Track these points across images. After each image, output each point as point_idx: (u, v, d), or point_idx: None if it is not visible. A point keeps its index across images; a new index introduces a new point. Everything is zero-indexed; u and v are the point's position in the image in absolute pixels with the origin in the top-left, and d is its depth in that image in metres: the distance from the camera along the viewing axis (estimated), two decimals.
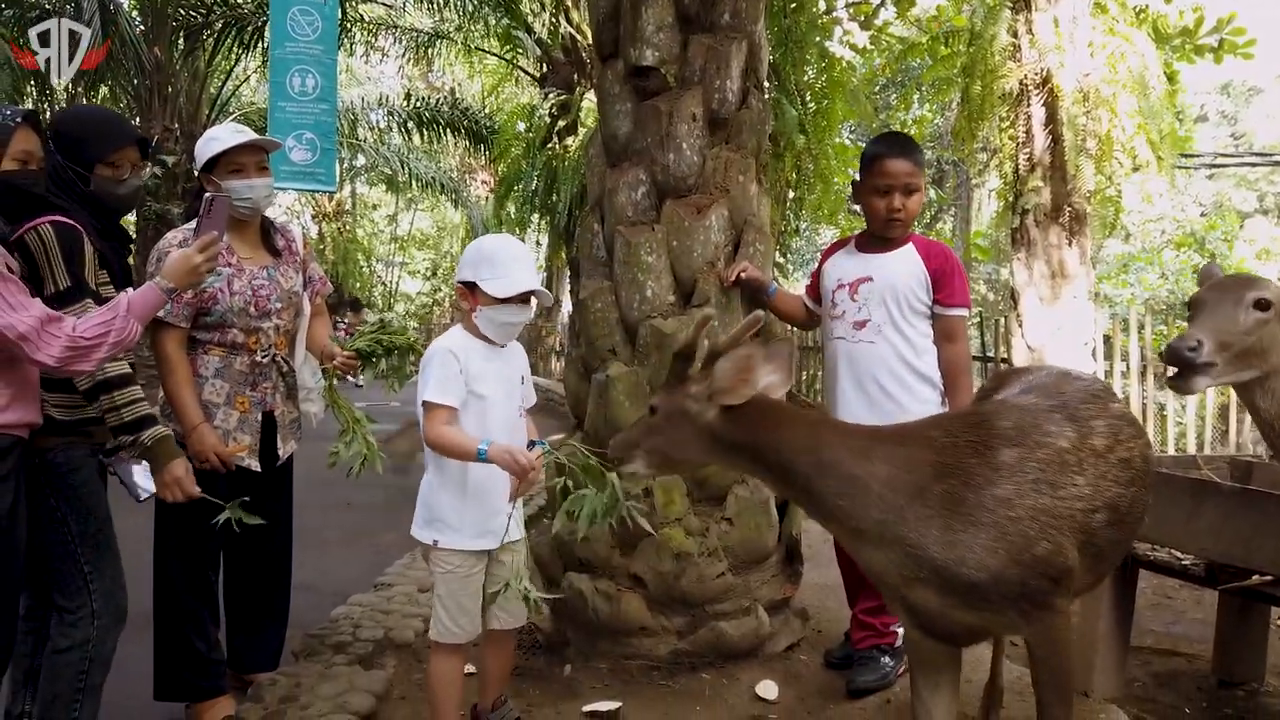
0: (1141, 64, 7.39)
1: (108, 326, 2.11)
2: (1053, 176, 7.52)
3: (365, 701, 2.78)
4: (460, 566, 2.43)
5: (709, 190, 3.21)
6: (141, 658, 2.85)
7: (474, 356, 2.41)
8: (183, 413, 2.70)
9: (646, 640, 3.08)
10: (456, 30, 14.26)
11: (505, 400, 2.47)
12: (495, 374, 2.45)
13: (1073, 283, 7.55)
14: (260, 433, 2.88)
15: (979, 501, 1.81)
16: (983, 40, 7.59)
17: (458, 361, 2.38)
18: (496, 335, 2.44)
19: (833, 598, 3.74)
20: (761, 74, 3.41)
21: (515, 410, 2.50)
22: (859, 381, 2.92)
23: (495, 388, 2.44)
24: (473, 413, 2.40)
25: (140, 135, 2.59)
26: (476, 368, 2.40)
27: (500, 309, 2.39)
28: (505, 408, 2.46)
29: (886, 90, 16.25)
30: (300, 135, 8.53)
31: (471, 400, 2.40)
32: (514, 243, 2.55)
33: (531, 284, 2.39)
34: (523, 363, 2.60)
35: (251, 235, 2.90)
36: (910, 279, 2.88)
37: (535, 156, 13.16)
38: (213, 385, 2.79)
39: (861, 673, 2.94)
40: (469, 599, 2.44)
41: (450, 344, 2.43)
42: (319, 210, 20.05)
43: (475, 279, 2.39)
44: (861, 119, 10.01)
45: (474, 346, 2.44)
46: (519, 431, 2.48)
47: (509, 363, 2.52)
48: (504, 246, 2.48)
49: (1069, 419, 1.95)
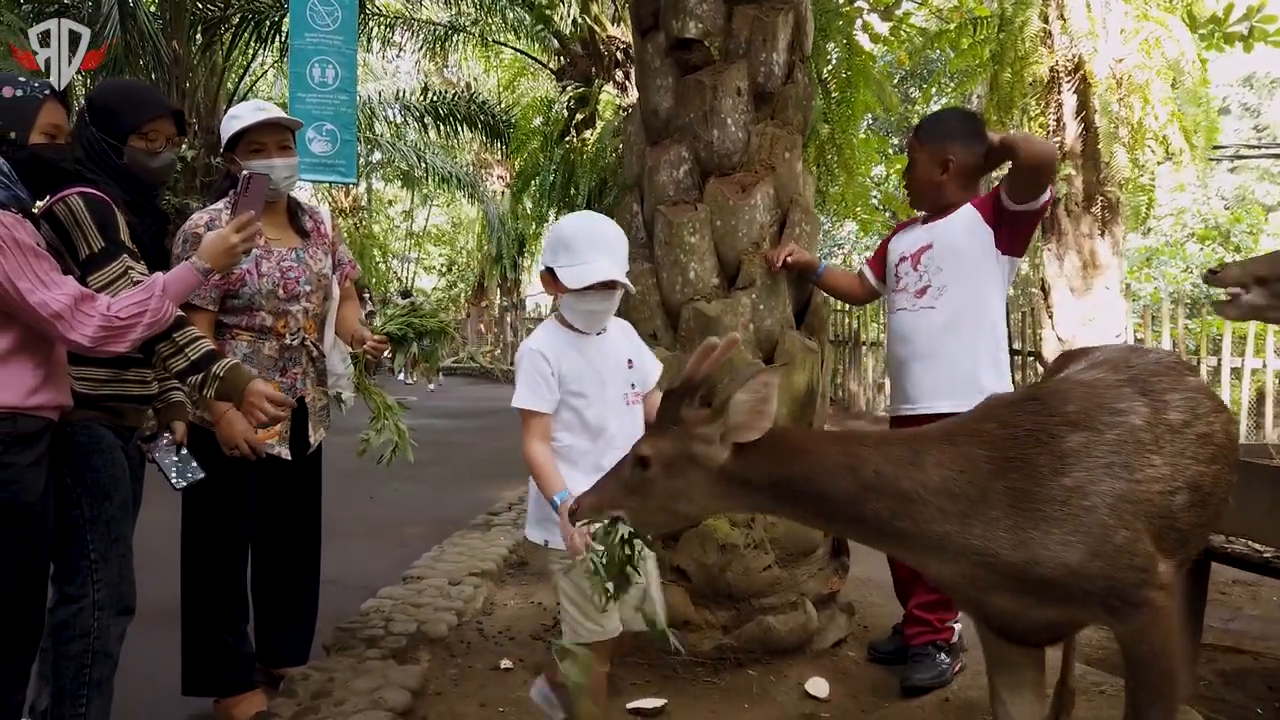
0: (1177, 50, 7.23)
1: (143, 306, 2.02)
2: (1085, 165, 7.39)
3: (401, 697, 2.68)
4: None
5: (754, 168, 3.09)
6: (170, 651, 2.76)
7: (566, 352, 2.20)
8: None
9: (691, 635, 2.96)
10: (473, 23, 14.19)
11: (606, 392, 2.23)
12: (591, 367, 2.22)
13: (1104, 273, 7.42)
14: (291, 419, 2.77)
15: (1047, 494, 1.65)
16: (1013, 27, 7.45)
17: (548, 363, 2.17)
18: (583, 324, 2.22)
19: (877, 592, 3.62)
20: (806, 48, 3.29)
21: (622, 399, 2.25)
22: (920, 350, 2.86)
23: (592, 382, 2.21)
24: (571, 413, 2.21)
25: (175, 108, 2.49)
26: (570, 365, 2.19)
27: (581, 298, 2.16)
28: (608, 400, 2.23)
29: (905, 82, 16.10)
30: (320, 127, 8.46)
31: (569, 399, 2.20)
32: (597, 224, 2.23)
33: (608, 273, 2.13)
34: (628, 343, 2.34)
35: (279, 216, 2.81)
36: (969, 234, 2.80)
37: (553, 150, 13.06)
38: None
39: (917, 670, 2.82)
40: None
41: (539, 342, 2.22)
42: (335, 205, 20.00)
43: (554, 265, 2.18)
44: (888, 109, 9.86)
45: (565, 340, 2.22)
46: (632, 420, 2.24)
47: (609, 349, 2.27)
48: (582, 229, 2.22)
49: (1141, 394, 1.82)
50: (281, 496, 2.87)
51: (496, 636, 3.33)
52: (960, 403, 2.60)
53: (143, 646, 3.13)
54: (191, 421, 2.68)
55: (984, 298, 2.81)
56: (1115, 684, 2.65)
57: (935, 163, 2.85)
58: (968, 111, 3.50)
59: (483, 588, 3.84)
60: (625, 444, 2.01)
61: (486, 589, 3.86)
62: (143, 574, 2.40)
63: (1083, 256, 7.36)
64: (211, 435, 2.62)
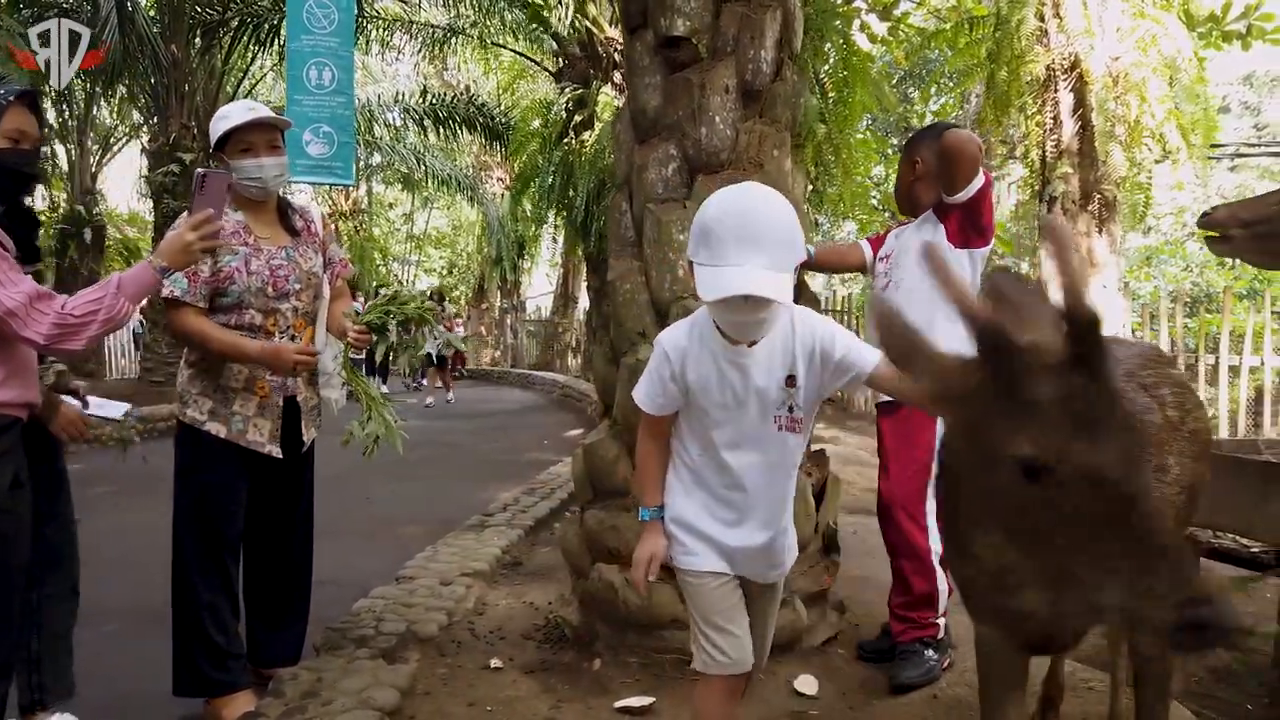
0: (1174, 48, 7.23)
1: (98, 304, 2.04)
2: (1081, 164, 7.39)
3: (389, 696, 2.67)
4: (705, 581, 1.91)
5: (742, 166, 3.08)
6: (161, 651, 2.76)
7: (701, 357, 1.82)
8: (241, 350, 2.63)
9: (679, 634, 2.95)
10: (472, 26, 14.19)
11: (743, 415, 1.82)
12: (726, 380, 1.81)
13: (1102, 272, 7.42)
14: (282, 418, 2.79)
15: None
16: (1009, 25, 7.45)
17: (669, 364, 1.84)
18: (730, 333, 1.77)
19: (869, 589, 3.62)
20: (795, 45, 3.29)
21: (768, 428, 1.82)
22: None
23: (724, 400, 1.82)
24: (696, 425, 1.87)
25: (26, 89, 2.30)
26: (699, 373, 1.82)
27: (722, 308, 1.70)
28: (743, 424, 1.82)
29: (903, 83, 16.09)
30: (317, 129, 8.49)
31: (694, 411, 1.86)
32: (748, 211, 1.69)
33: (744, 287, 1.61)
34: (791, 357, 1.80)
35: (268, 215, 2.82)
36: (924, 232, 2.92)
37: (552, 152, 13.07)
38: (231, 369, 2.70)
39: (905, 668, 2.82)
40: (725, 617, 1.89)
41: (672, 338, 1.87)
42: (335, 208, 20.04)
43: (693, 260, 1.73)
44: (886, 109, 9.86)
45: (705, 342, 1.82)
46: (777, 451, 1.84)
47: (761, 363, 1.80)
48: (727, 218, 1.69)
49: (1141, 389, 1.81)
50: (273, 496, 2.86)
51: (487, 636, 3.32)
52: None
53: (136, 648, 3.14)
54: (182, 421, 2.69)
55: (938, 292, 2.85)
56: (1102, 679, 2.65)
57: (908, 167, 3.07)
58: (945, 123, 3.62)
59: (475, 588, 3.83)
60: (763, 476, 1.84)
61: (479, 589, 3.86)
62: (132, 574, 2.40)
63: (1080, 255, 7.34)
64: (193, 431, 2.65)
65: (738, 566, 1.90)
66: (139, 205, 18.93)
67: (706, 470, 1.88)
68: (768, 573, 1.95)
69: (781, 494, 1.91)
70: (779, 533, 1.91)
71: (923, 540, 2.83)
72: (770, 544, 1.90)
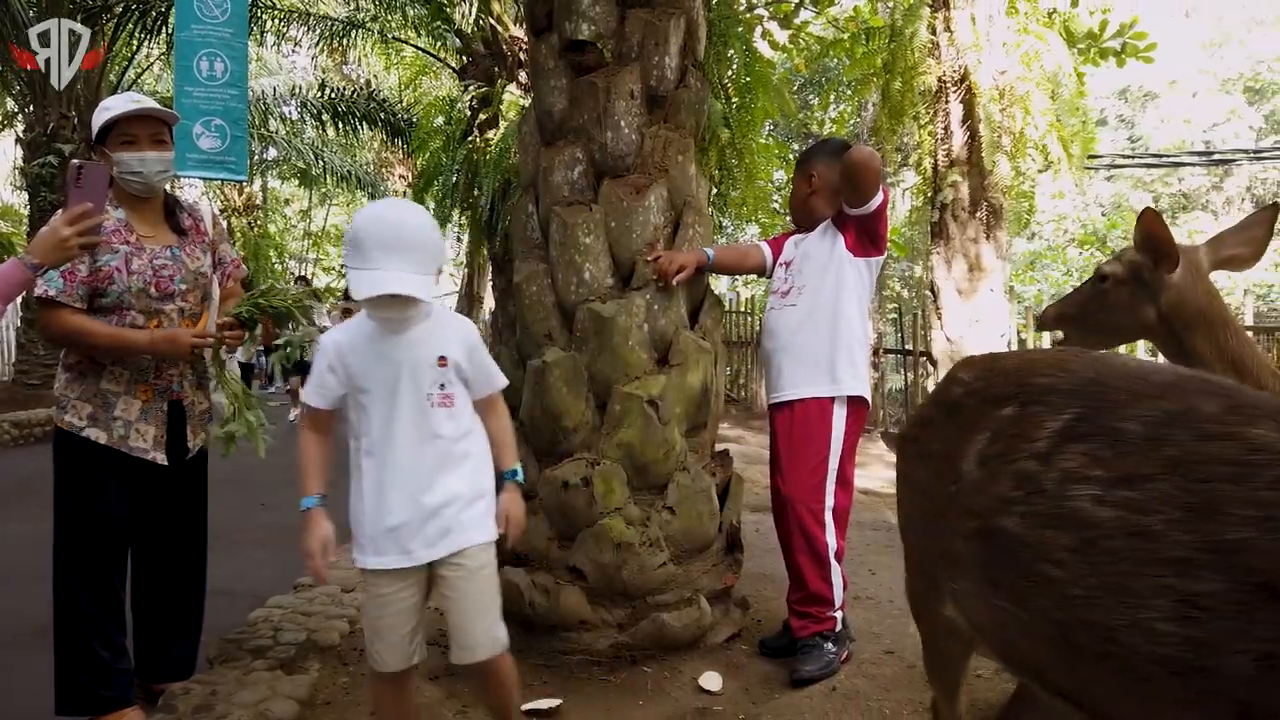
0: (1055, 64, 7.60)
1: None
2: (970, 172, 7.68)
3: (288, 708, 2.61)
4: (370, 586, 2.11)
5: (647, 170, 3.12)
6: (44, 669, 2.62)
7: (359, 347, 2.07)
8: (130, 342, 2.54)
9: (586, 634, 2.98)
10: (373, 20, 13.90)
11: (397, 392, 2.05)
12: (384, 361, 2.06)
13: (989, 276, 7.72)
14: (167, 423, 2.68)
15: None
16: (903, 37, 7.70)
17: (327, 356, 2.07)
18: (383, 326, 2.06)
19: (769, 586, 3.70)
20: (699, 52, 3.34)
21: (421, 403, 2.06)
22: (781, 344, 3.09)
23: (381, 381, 2.06)
24: (357, 411, 2.09)
25: None
26: (360, 360, 2.06)
27: (372, 305, 1.98)
28: (397, 402, 2.05)
29: (804, 89, 16.45)
30: (209, 122, 8.10)
31: (357, 397, 2.08)
32: (394, 220, 1.99)
33: (392, 285, 1.90)
34: (441, 339, 2.11)
35: (153, 213, 2.72)
36: (824, 240, 3.06)
37: (455, 150, 12.88)
38: (111, 372, 2.59)
39: (805, 662, 2.89)
40: (385, 624, 2.08)
41: (332, 335, 2.12)
42: (228, 204, 19.32)
43: (346, 264, 1.99)
44: (787, 115, 10.06)
45: (364, 332, 2.07)
46: (431, 427, 2.07)
47: (415, 344, 2.07)
48: (375, 225, 1.96)
49: None
50: (160, 504, 2.75)
51: None
52: (814, 391, 2.97)
53: (15, 664, 2.98)
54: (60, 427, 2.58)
55: (838, 296, 3.01)
56: (987, 666, 2.78)
57: (804, 181, 3.19)
58: (839, 139, 3.84)
59: None
60: (417, 449, 2.05)
61: None
62: (14, 588, 2.28)
63: (969, 260, 7.64)
64: (71, 438, 2.55)
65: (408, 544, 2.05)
66: (13, 198, 17.89)
67: (369, 453, 2.07)
68: (438, 542, 2.07)
69: (437, 465, 2.07)
70: (444, 504, 2.07)
71: (821, 535, 2.92)
72: (437, 511, 2.06)
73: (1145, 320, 2.38)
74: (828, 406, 2.94)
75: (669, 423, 2.98)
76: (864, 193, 2.87)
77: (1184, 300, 2.29)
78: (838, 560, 2.96)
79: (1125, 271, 2.41)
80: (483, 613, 2.14)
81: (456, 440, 2.11)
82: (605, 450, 2.98)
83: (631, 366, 3.00)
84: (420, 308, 2.01)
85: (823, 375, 2.97)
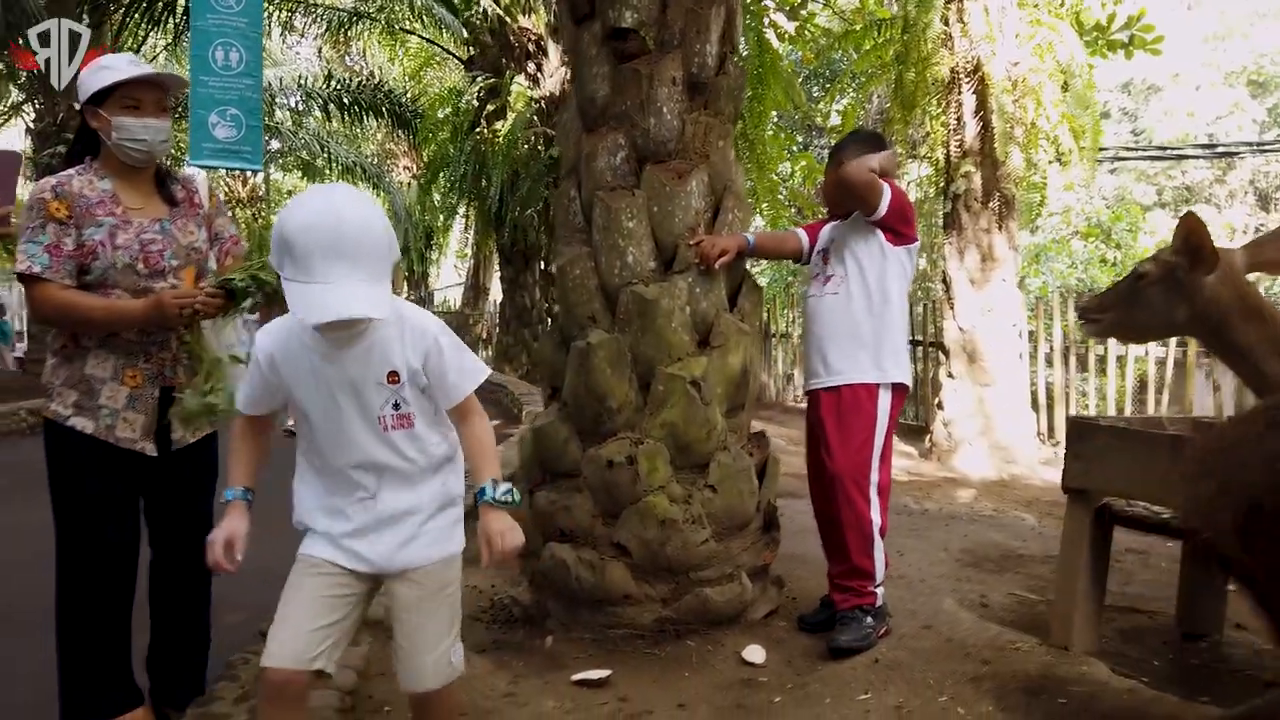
0: (1068, 54, 7.66)
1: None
2: (983, 163, 7.72)
3: (347, 677, 2.67)
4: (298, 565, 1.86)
5: (689, 155, 3.18)
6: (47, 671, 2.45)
7: (293, 357, 1.77)
8: (126, 314, 2.30)
9: (630, 609, 3.04)
10: (378, 10, 13.92)
11: (340, 420, 1.77)
12: (321, 382, 1.76)
13: (1001, 266, 7.78)
14: (158, 411, 2.42)
15: None
16: (917, 28, 7.74)
17: (260, 367, 1.80)
18: (328, 343, 1.75)
19: (803, 567, 3.77)
20: (737, 40, 3.40)
21: (373, 427, 1.78)
22: (826, 331, 3.13)
23: (320, 407, 1.77)
24: (305, 424, 1.82)
25: None
26: (294, 372, 1.78)
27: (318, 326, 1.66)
28: (342, 428, 1.77)
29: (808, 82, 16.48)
30: (224, 111, 8.16)
31: (298, 413, 1.81)
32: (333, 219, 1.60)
33: (344, 309, 1.57)
34: (390, 350, 1.77)
35: (144, 184, 2.47)
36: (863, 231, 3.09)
37: (463, 141, 12.92)
38: (96, 356, 2.35)
39: (843, 632, 2.96)
40: (291, 611, 1.81)
41: (262, 340, 1.81)
42: (232, 196, 19.33)
43: (281, 274, 1.63)
44: (797, 106, 10.10)
45: (299, 339, 1.76)
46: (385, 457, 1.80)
47: (356, 360, 1.75)
48: (311, 229, 1.59)
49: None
50: (160, 500, 2.50)
51: None
52: (862, 378, 3.04)
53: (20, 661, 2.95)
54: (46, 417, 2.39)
55: (884, 285, 3.07)
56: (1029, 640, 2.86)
57: (836, 170, 3.18)
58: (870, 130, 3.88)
59: None
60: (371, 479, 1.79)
61: None
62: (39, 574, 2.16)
63: (981, 250, 7.70)
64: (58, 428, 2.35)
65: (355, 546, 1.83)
66: (22, 189, 17.85)
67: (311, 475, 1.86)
68: (395, 555, 1.84)
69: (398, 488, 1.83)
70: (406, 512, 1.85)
71: (867, 511, 2.99)
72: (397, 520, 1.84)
73: (1177, 318, 2.49)
74: (874, 391, 3.02)
75: (710, 403, 3.05)
76: (864, 206, 3.01)
77: (1218, 299, 2.38)
78: (881, 536, 3.03)
79: (1159, 271, 2.48)
80: (438, 639, 1.88)
81: (422, 464, 1.85)
82: (649, 429, 3.05)
83: (674, 348, 3.07)
84: (374, 322, 1.70)
85: (869, 363, 3.03)
